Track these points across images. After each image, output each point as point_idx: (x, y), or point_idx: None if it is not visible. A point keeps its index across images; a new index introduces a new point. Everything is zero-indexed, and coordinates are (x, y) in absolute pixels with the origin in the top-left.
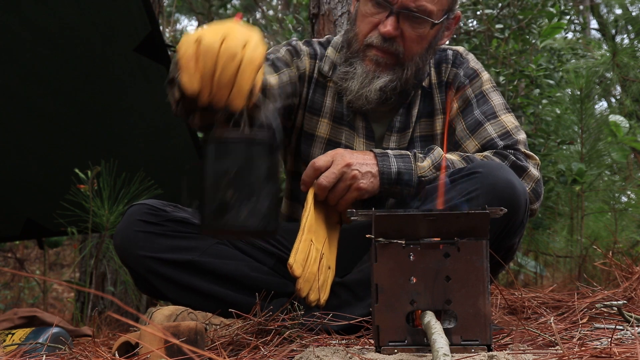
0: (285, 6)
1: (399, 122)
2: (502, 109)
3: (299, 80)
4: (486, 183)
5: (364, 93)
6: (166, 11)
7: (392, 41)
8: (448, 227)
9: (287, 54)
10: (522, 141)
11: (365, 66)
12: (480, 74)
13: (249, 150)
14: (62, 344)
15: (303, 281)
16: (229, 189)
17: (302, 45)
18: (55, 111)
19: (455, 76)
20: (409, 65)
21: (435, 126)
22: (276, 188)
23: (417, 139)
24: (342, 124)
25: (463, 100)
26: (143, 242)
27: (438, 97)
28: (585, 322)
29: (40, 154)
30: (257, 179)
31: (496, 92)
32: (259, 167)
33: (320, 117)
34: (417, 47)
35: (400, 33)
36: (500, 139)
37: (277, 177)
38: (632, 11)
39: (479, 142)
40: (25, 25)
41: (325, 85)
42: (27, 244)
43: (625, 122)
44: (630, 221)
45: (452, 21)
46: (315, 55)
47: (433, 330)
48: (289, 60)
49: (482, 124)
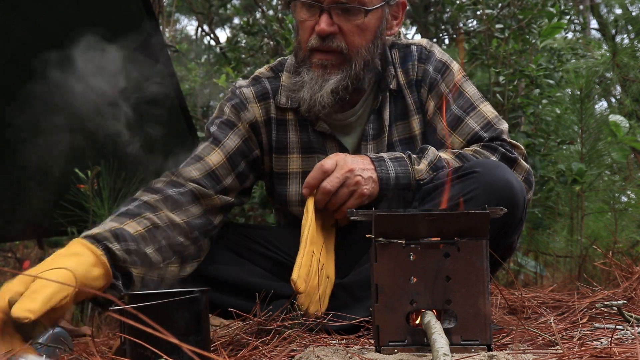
0: (285, 6)
1: (372, 129)
2: (479, 99)
3: (253, 131)
4: (484, 182)
5: (316, 99)
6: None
7: (331, 38)
8: (448, 227)
9: (232, 110)
10: (505, 131)
11: (313, 72)
12: (450, 66)
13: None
14: (62, 344)
15: (305, 296)
16: None
17: (246, 92)
18: (55, 111)
19: (425, 73)
20: (356, 60)
21: (412, 127)
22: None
23: (397, 142)
24: (312, 153)
25: (438, 97)
26: None
27: (410, 97)
28: (585, 322)
29: (40, 154)
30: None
31: (468, 83)
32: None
33: (289, 154)
34: (359, 39)
35: (338, 29)
36: (484, 130)
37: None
38: (632, 11)
39: (463, 138)
40: (25, 25)
41: (285, 120)
42: (27, 244)
43: (625, 122)
44: (630, 221)
45: (397, 8)
46: (266, 94)
47: (433, 330)
48: (235, 118)
49: (463, 119)
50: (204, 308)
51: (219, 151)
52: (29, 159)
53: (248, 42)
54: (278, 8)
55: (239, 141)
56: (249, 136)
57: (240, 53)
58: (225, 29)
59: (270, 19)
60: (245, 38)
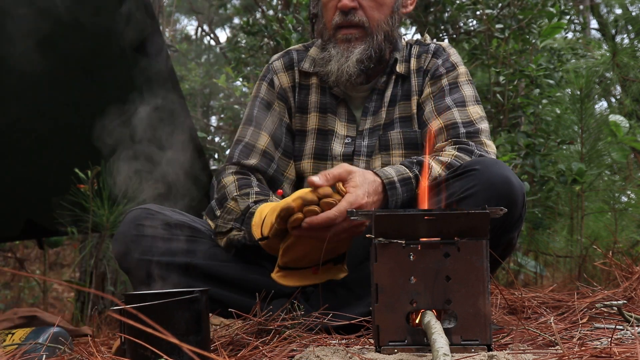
0: (285, 6)
1: (372, 106)
2: (472, 101)
3: (283, 100)
4: (483, 179)
5: (343, 69)
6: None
7: (353, 13)
8: (448, 227)
9: (267, 88)
10: (484, 130)
11: (339, 47)
12: (458, 67)
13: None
14: (62, 344)
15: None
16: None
17: (276, 64)
18: (56, 111)
19: (434, 65)
20: (377, 32)
21: (411, 107)
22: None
23: (397, 120)
24: (327, 112)
25: (437, 87)
26: (142, 247)
27: (415, 80)
28: (585, 322)
29: (40, 154)
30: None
31: (469, 85)
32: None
33: (309, 114)
34: (379, 13)
35: (358, 4)
36: (464, 125)
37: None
38: (632, 11)
39: (443, 121)
40: (25, 25)
41: (308, 84)
42: (27, 244)
43: (625, 122)
44: (630, 221)
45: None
46: (291, 63)
47: (433, 330)
48: (271, 94)
49: (450, 108)
50: (204, 308)
51: (263, 133)
52: (29, 158)
53: (248, 42)
54: (278, 8)
55: (277, 115)
56: (282, 109)
57: (240, 53)
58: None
59: (270, 19)
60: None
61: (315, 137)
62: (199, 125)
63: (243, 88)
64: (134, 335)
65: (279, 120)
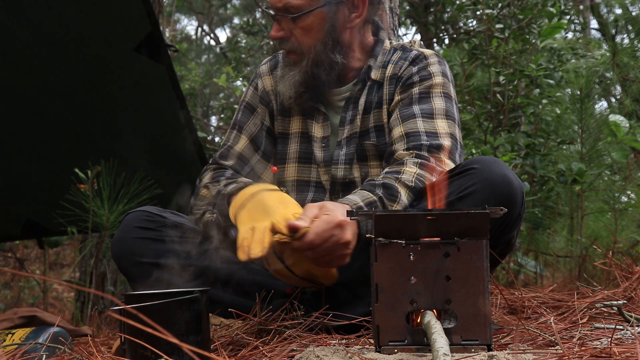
0: None
1: (349, 115)
2: (441, 114)
3: (265, 104)
4: (482, 178)
5: (284, 91)
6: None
7: (284, 42)
8: (448, 226)
9: (252, 91)
10: (447, 148)
11: (282, 69)
12: (434, 77)
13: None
14: (62, 344)
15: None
16: None
17: (262, 68)
18: (56, 111)
19: (408, 72)
20: (309, 55)
21: (382, 116)
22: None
23: (372, 129)
24: (307, 116)
25: (407, 95)
26: (141, 249)
27: (387, 89)
28: (585, 322)
29: (40, 154)
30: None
31: (442, 98)
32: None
33: (292, 117)
34: (309, 38)
35: (289, 33)
36: (427, 136)
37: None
38: (632, 11)
39: (405, 130)
40: (25, 25)
41: None
42: (27, 244)
43: (625, 122)
44: (630, 221)
45: (356, 1)
46: (276, 66)
47: (433, 330)
48: (255, 98)
49: (415, 117)
50: (204, 308)
51: (243, 137)
52: (29, 158)
53: (248, 42)
54: None
55: (258, 122)
56: (264, 112)
57: (240, 53)
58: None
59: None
60: (245, 38)
61: (299, 141)
62: (199, 125)
63: (243, 88)
64: (134, 335)
65: (261, 124)
